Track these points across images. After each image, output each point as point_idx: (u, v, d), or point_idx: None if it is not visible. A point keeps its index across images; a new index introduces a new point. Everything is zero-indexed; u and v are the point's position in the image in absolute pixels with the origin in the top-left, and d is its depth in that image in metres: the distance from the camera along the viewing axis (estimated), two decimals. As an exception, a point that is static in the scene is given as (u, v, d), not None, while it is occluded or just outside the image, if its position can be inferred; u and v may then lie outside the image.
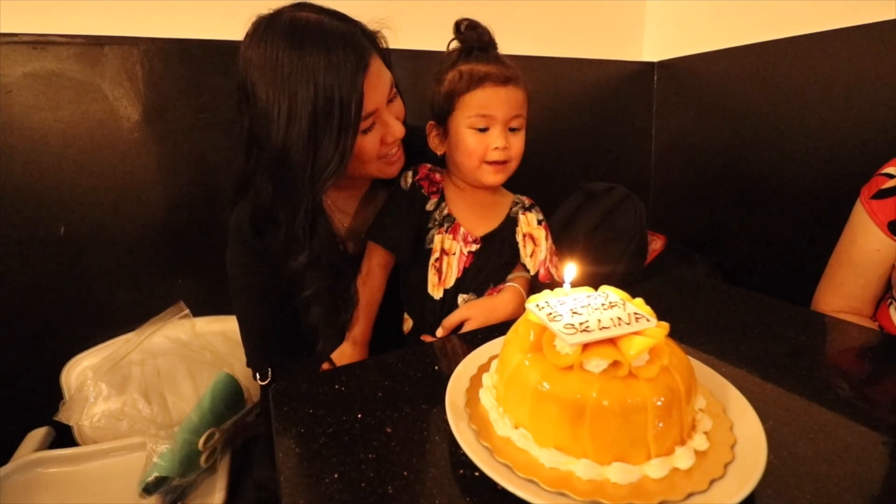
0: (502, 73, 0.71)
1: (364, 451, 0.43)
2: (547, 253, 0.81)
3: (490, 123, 0.72)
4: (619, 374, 0.37)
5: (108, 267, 1.06)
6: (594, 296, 0.43)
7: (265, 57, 0.61)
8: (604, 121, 1.61)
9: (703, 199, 1.55)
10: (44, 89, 0.96)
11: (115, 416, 0.91)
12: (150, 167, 1.06)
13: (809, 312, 0.79)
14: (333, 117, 0.61)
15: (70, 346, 1.01)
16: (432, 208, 0.77)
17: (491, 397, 0.44)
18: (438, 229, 0.77)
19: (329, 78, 0.60)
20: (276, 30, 0.62)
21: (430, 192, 0.78)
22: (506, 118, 0.72)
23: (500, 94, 0.71)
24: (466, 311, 0.75)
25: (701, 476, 0.36)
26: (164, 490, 0.82)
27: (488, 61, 0.72)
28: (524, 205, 0.83)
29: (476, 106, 0.71)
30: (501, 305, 0.76)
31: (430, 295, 0.77)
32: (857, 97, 1.12)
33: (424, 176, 0.79)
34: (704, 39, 1.46)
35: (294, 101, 0.60)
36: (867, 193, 0.83)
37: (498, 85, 0.71)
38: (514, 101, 0.72)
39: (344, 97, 0.61)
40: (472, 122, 0.72)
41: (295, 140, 0.62)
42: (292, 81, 0.60)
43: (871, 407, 0.50)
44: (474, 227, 0.78)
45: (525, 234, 0.80)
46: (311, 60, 0.60)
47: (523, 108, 0.74)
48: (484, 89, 0.71)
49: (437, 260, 0.76)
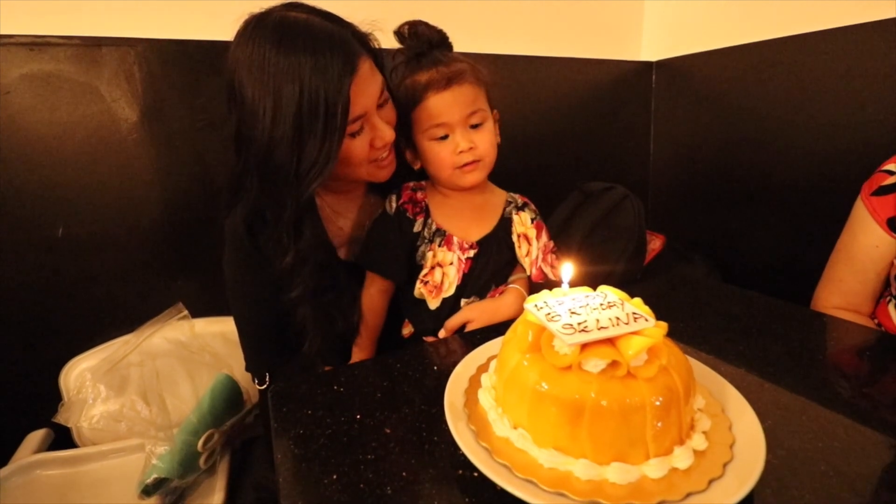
0: (443, 75, 0.69)
1: (363, 452, 0.43)
2: (539, 252, 0.79)
3: (447, 130, 0.70)
4: (617, 374, 0.37)
5: (106, 268, 1.06)
6: (593, 296, 0.43)
7: (252, 56, 0.60)
8: (602, 120, 1.61)
9: (701, 198, 1.55)
10: (41, 91, 0.95)
11: (114, 418, 0.91)
12: (148, 168, 1.06)
13: (808, 312, 0.79)
14: (319, 119, 0.60)
15: (69, 347, 1.01)
16: (419, 228, 0.76)
17: (490, 398, 0.44)
18: (429, 245, 0.76)
19: (315, 80, 0.59)
20: (264, 29, 0.61)
21: (415, 214, 0.77)
22: (461, 119, 0.70)
23: (445, 99, 0.69)
24: (469, 312, 0.75)
25: (700, 476, 0.36)
26: (164, 491, 0.82)
27: (429, 66, 0.70)
28: (517, 204, 0.81)
29: (427, 118, 0.70)
30: (504, 307, 0.76)
31: (428, 305, 0.77)
32: (855, 96, 1.12)
33: (408, 199, 0.77)
34: (703, 39, 1.46)
35: (279, 101, 0.60)
36: (867, 190, 0.83)
37: (441, 90, 0.69)
38: (464, 100, 0.69)
39: (330, 100, 0.60)
40: (430, 133, 0.71)
41: (279, 140, 0.61)
42: (278, 81, 0.59)
43: (871, 406, 0.50)
44: (468, 233, 0.77)
45: (519, 234, 0.79)
46: (297, 60, 0.59)
47: (477, 101, 0.71)
48: (428, 99, 0.69)
49: (427, 275, 0.76)
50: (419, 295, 0.77)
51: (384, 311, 0.80)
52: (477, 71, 0.72)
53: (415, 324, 0.80)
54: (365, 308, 0.78)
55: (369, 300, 0.78)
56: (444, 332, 0.76)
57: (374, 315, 0.79)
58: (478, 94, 0.71)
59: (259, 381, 0.78)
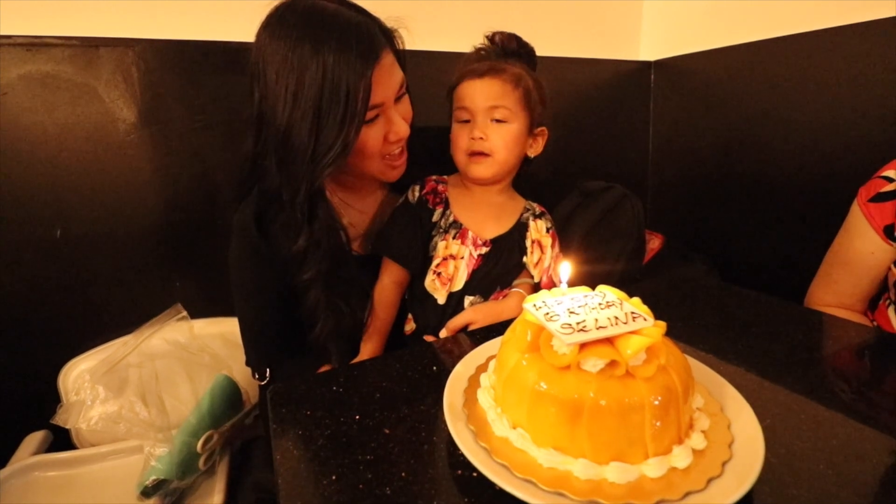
0: (483, 67, 0.74)
1: (362, 453, 0.43)
2: (551, 261, 0.81)
3: (470, 115, 0.75)
4: (616, 374, 0.37)
5: (104, 269, 1.06)
6: (591, 295, 0.43)
7: (280, 38, 0.63)
8: (601, 120, 1.61)
9: (700, 198, 1.55)
10: (39, 91, 0.95)
11: (113, 419, 0.91)
12: (146, 169, 1.06)
13: (807, 311, 0.79)
14: (339, 104, 0.62)
15: (67, 349, 1.01)
16: (437, 218, 0.78)
17: (489, 397, 0.44)
18: (444, 236, 0.77)
19: (339, 66, 0.61)
20: (294, 13, 0.64)
21: (435, 204, 0.79)
22: (483, 108, 0.74)
23: (475, 86, 0.74)
24: (472, 314, 0.76)
25: (699, 475, 0.36)
26: (163, 493, 0.82)
27: (481, 60, 0.75)
28: (535, 212, 0.84)
29: (457, 99, 0.76)
30: (507, 311, 0.76)
31: (434, 298, 0.77)
32: (853, 96, 1.12)
33: (430, 190, 0.80)
34: (701, 38, 1.46)
35: (302, 83, 0.61)
36: (864, 196, 0.82)
37: (475, 78, 0.74)
38: (491, 92, 0.73)
39: (351, 86, 0.62)
40: (456, 115, 0.76)
41: (299, 121, 0.63)
42: (303, 63, 0.61)
43: (869, 405, 0.50)
44: (483, 229, 0.79)
45: (534, 240, 0.81)
46: (323, 46, 0.61)
47: (504, 99, 0.74)
48: (463, 83, 0.75)
49: (440, 265, 0.77)
50: (430, 287, 0.77)
51: (395, 306, 0.80)
52: (521, 77, 0.75)
53: (418, 319, 0.80)
54: (377, 301, 0.78)
55: (381, 292, 0.79)
56: (446, 332, 0.76)
57: (386, 308, 0.79)
58: (508, 92, 0.74)
59: (259, 376, 0.78)
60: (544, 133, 0.81)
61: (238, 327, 0.79)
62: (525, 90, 0.75)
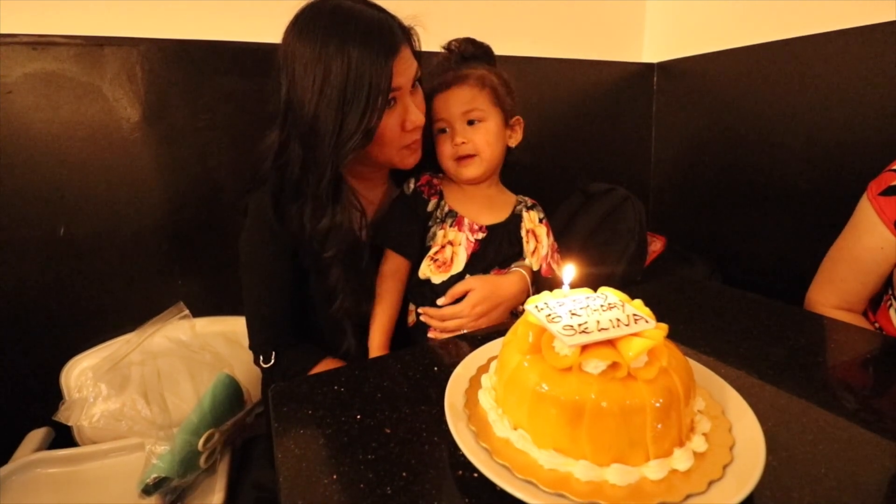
0: (448, 79, 0.79)
1: (363, 452, 0.43)
2: (549, 249, 0.85)
3: (447, 125, 0.80)
4: (617, 376, 0.37)
5: (107, 267, 1.06)
6: (593, 297, 0.43)
7: (307, 34, 0.68)
8: (604, 122, 1.61)
9: (702, 200, 1.55)
10: (44, 90, 0.96)
11: (115, 417, 0.91)
12: (150, 168, 1.06)
13: (809, 314, 0.79)
14: (362, 94, 0.67)
15: (70, 346, 1.01)
16: (433, 208, 0.82)
17: (490, 398, 0.44)
18: (441, 225, 0.81)
19: (362, 59, 0.66)
20: (320, 13, 0.69)
21: (430, 195, 0.83)
22: (458, 115, 0.78)
23: (446, 97, 0.79)
24: (472, 282, 0.78)
25: (699, 477, 0.36)
26: (164, 490, 0.82)
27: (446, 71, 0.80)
28: (527, 204, 0.87)
29: (434, 113, 0.80)
30: (506, 284, 0.79)
31: (432, 282, 0.79)
32: (856, 98, 1.12)
33: (425, 183, 0.84)
34: (704, 40, 1.46)
35: (328, 75, 0.67)
36: (875, 189, 0.81)
37: (444, 90, 0.79)
38: (462, 98, 0.78)
39: (373, 79, 0.67)
40: (435, 127, 0.81)
41: (325, 109, 0.68)
42: (329, 56, 0.66)
43: (871, 410, 0.50)
44: (478, 217, 0.82)
45: (528, 230, 0.84)
46: (348, 42, 0.66)
47: (476, 101, 0.78)
48: (435, 98, 0.80)
49: (437, 252, 0.80)
50: (424, 274, 0.80)
51: (398, 296, 0.82)
52: (485, 77, 0.79)
53: (417, 302, 0.82)
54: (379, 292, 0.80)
55: (382, 280, 0.81)
56: (445, 300, 0.78)
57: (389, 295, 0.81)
58: (476, 94, 0.78)
59: (264, 359, 0.79)
60: (520, 122, 0.84)
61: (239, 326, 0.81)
62: (492, 88, 0.79)
